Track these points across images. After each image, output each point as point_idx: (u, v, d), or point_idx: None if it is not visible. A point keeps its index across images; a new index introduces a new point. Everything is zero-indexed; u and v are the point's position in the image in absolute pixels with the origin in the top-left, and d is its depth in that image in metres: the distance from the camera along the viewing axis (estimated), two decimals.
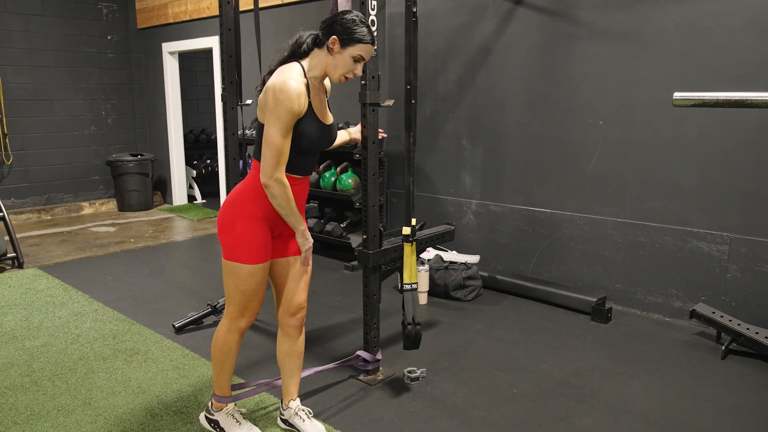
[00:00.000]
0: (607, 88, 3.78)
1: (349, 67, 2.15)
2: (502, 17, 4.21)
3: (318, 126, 2.18)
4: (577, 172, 3.99)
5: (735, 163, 3.36)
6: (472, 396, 2.77)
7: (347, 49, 2.12)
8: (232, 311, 2.26)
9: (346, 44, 2.12)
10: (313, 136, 2.16)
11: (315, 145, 2.20)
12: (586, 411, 2.63)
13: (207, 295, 4.11)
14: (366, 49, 2.15)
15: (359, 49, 2.13)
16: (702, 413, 2.62)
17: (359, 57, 2.15)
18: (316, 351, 3.23)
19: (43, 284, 4.38)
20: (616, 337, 3.43)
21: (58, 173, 7.07)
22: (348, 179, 4.89)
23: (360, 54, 2.14)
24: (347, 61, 2.14)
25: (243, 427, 2.40)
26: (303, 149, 2.16)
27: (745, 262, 3.38)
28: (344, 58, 2.13)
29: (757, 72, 3.21)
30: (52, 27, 6.82)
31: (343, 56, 2.13)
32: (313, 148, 2.20)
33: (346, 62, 2.14)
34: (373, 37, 2.18)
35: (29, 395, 2.76)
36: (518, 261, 4.37)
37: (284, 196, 2.10)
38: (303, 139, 2.13)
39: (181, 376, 2.95)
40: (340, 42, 2.11)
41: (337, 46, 2.12)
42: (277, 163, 2.06)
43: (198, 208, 7.41)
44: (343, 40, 2.11)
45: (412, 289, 2.86)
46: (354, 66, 2.16)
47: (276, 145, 2.04)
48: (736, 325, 3.19)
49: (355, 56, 2.14)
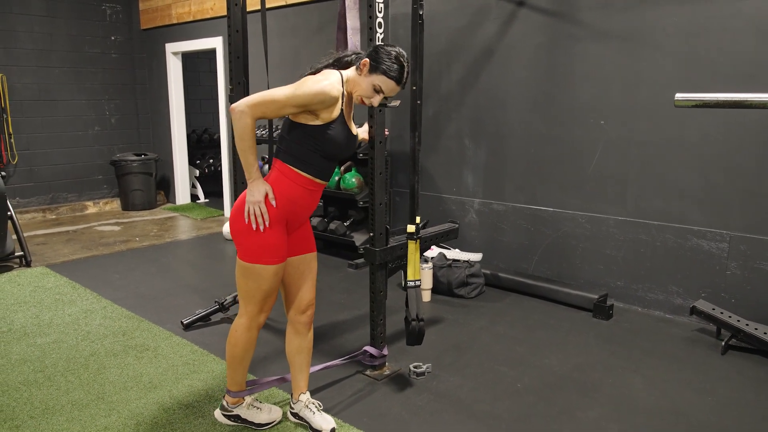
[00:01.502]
0: (609, 89, 3.83)
1: (368, 93, 2.20)
2: (504, 18, 4.27)
3: (347, 134, 2.25)
4: (579, 171, 4.04)
5: (735, 162, 3.42)
6: (477, 390, 2.82)
7: (372, 76, 2.18)
8: (251, 310, 2.31)
9: (372, 71, 2.18)
10: (342, 143, 2.23)
11: (341, 152, 2.26)
12: (589, 405, 2.69)
13: (213, 293, 4.16)
14: (388, 84, 2.18)
15: (381, 81, 2.18)
16: (702, 407, 2.68)
17: (379, 88, 2.19)
18: (323, 347, 3.28)
19: (51, 282, 4.44)
20: (618, 334, 3.49)
21: (62, 173, 7.12)
22: (352, 178, 4.95)
23: (380, 86, 2.18)
24: (368, 86, 2.19)
25: (264, 411, 2.49)
26: (330, 155, 2.23)
27: (744, 260, 3.44)
28: (366, 83, 2.19)
29: (757, 73, 3.27)
30: (57, 28, 6.87)
31: (366, 81, 2.19)
32: (339, 154, 2.26)
33: (367, 88, 2.20)
34: (402, 78, 2.19)
35: (43, 390, 2.81)
36: (520, 259, 4.43)
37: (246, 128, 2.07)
38: (333, 145, 2.20)
39: (191, 371, 3.01)
40: (369, 66, 2.18)
41: (366, 69, 2.18)
42: (259, 105, 2.07)
43: (201, 207, 7.46)
44: (372, 66, 2.17)
45: (416, 286, 2.91)
46: (373, 94, 2.20)
47: (274, 98, 2.07)
48: (735, 322, 3.25)
49: (375, 86, 2.18)
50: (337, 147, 2.23)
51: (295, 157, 2.21)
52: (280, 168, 2.23)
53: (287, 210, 2.23)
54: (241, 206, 2.24)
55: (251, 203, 2.15)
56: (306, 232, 2.40)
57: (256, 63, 5.68)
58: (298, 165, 2.21)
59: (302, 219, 2.33)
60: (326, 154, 2.22)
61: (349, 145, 2.30)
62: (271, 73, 3.13)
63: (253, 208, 2.15)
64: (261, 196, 2.15)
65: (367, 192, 4.92)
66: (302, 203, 2.26)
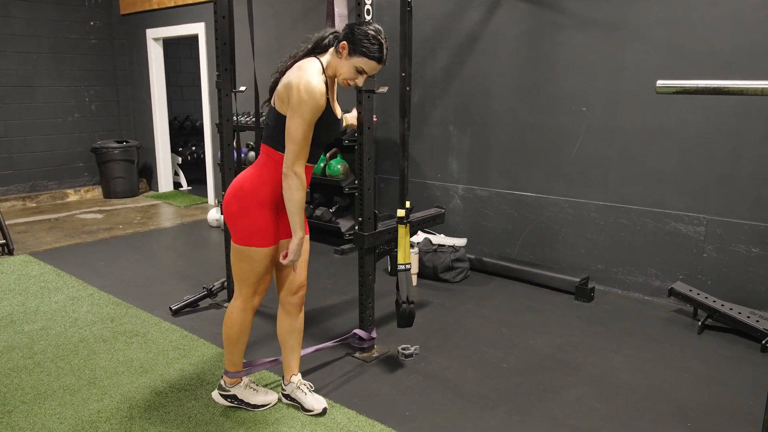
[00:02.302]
0: (592, 76, 3.90)
1: (351, 75, 2.22)
2: (488, 5, 4.31)
3: (333, 120, 2.29)
4: (562, 158, 4.12)
5: (712, 148, 3.52)
6: (464, 371, 2.90)
7: (352, 58, 2.19)
8: (246, 292, 2.37)
9: (352, 53, 2.19)
10: (328, 130, 2.28)
11: (328, 137, 2.31)
12: (573, 383, 2.78)
13: (199, 279, 4.18)
14: (369, 65, 2.20)
15: (363, 62, 2.19)
16: (680, 384, 2.78)
17: (361, 69, 2.21)
18: (313, 331, 3.33)
19: (35, 270, 4.41)
20: (599, 315, 3.59)
21: (42, 160, 7.03)
22: (337, 165, 4.97)
23: (362, 67, 2.20)
24: (350, 69, 2.21)
25: (260, 393, 2.55)
26: (316, 141, 2.26)
27: (720, 243, 3.55)
28: (348, 66, 2.20)
29: (735, 61, 3.36)
30: (34, 12, 6.74)
31: (347, 64, 2.20)
32: (326, 139, 2.32)
33: (350, 70, 2.21)
34: (382, 57, 2.22)
35: (33, 376, 2.82)
36: (504, 243, 4.51)
37: (297, 191, 2.17)
38: (319, 132, 2.23)
39: (181, 356, 3.03)
40: (348, 49, 2.19)
41: (345, 52, 2.20)
42: (297, 156, 2.14)
43: (184, 195, 7.43)
44: (351, 48, 2.19)
45: (406, 269, 2.97)
46: (356, 76, 2.22)
47: (298, 141, 2.13)
48: (711, 302, 3.36)
49: (357, 67, 2.20)
50: (324, 133, 2.28)
51: (281, 143, 2.24)
52: (267, 152, 2.28)
53: (274, 191, 2.27)
54: (235, 191, 2.28)
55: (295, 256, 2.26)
56: None
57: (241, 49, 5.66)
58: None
59: None
60: (314, 141, 2.25)
61: (335, 130, 2.34)
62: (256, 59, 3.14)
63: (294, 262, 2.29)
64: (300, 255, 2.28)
65: (352, 178, 4.95)
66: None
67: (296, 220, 2.21)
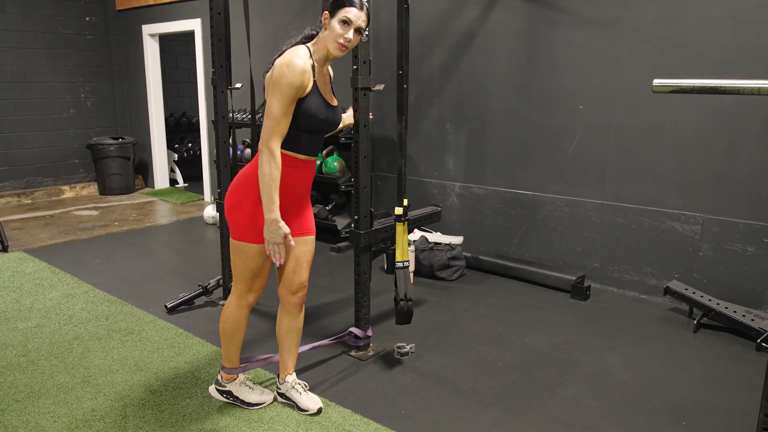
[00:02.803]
0: (589, 75, 3.90)
1: (339, 32, 2.21)
2: (485, 3, 4.29)
3: (323, 104, 2.27)
4: (559, 156, 4.12)
5: (709, 147, 3.52)
6: (460, 369, 2.89)
7: (335, 16, 2.21)
8: (240, 288, 2.37)
9: (333, 13, 2.21)
10: (318, 114, 2.24)
11: (321, 123, 2.27)
12: (569, 381, 2.78)
13: (195, 277, 4.17)
14: (352, 12, 2.20)
15: (344, 12, 2.20)
16: (675, 382, 2.78)
17: (346, 19, 2.21)
18: (309, 329, 3.32)
19: (30, 267, 4.39)
20: (595, 314, 3.59)
21: (37, 157, 7.00)
22: (333, 162, 4.96)
23: (346, 16, 2.20)
24: (337, 27, 2.21)
25: (256, 392, 2.54)
26: (311, 128, 2.24)
27: (716, 242, 3.56)
28: (333, 27, 2.21)
29: (732, 59, 3.36)
30: (29, 8, 6.70)
31: (332, 25, 2.21)
32: (319, 126, 2.28)
33: (336, 29, 2.21)
34: (362, 2, 2.23)
35: (27, 374, 2.81)
36: (501, 242, 4.51)
37: (269, 168, 2.14)
38: (309, 117, 2.22)
39: (176, 354, 3.02)
40: (329, 13, 2.22)
41: (327, 19, 2.22)
42: (272, 132, 2.14)
43: (180, 192, 7.41)
44: (331, 10, 2.21)
45: (404, 266, 2.96)
46: (344, 29, 2.21)
47: (274, 116, 2.13)
48: (707, 301, 3.36)
49: (341, 19, 2.20)
50: (315, 119, 2.24)
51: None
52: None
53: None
54: (233, 187, 2.29)
55: (269, 242, 2.21)
56: (305, 214, 2.43)
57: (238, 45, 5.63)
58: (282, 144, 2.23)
59: (294, 198, 2.34)
60: (307, 128, 2.24)
61: (328, 116, 2.31)
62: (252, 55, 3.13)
63: (271, 248, 2.21)
64: (280, 239, 2.19)
65: (349, 176, 4.94)
66: (287, 181, 2.28)
67: (266, 197, 2.15)
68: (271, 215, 2.17)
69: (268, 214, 2.17)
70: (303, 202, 2.41)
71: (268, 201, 2.16)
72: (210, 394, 2.59)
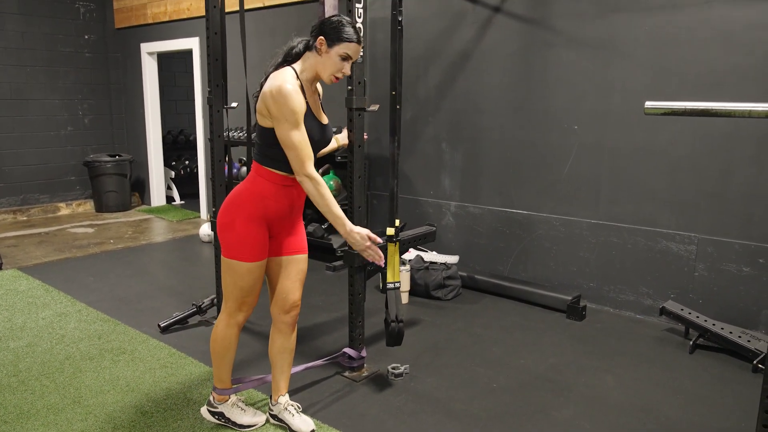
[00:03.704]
0: (583, 95, 3.93)
1: (337, 66, 2.23)
2: (481, 24, 4.34)
3: (316, 123, 2.28)
4: (553, 175, 4.13)
5: (702, 167, 3.54)
6: (454, 390, 2.87)
7: (333, 48, 2.21)
8: (230, 306, 2.36)
9: (332, 44, 2.21)
10: (311, 134, 2.24)
11: (314, 144, 2.28)
12: (563, 403, 2.76)
13: (190, 296, 4.14)
14: (352, 47, 2.23)
15: (345, 47, 2.22)
16: (671, 403, 2.76)
17: (346, 55, 2.23)
18: (303, 349, 3.30)
19: (23, 285, 4.37)
20: (591, 334, 3.58)
21: (34, 173, 7.00)
22: (329, 181, 4.97)
23: (346, 52, 2.23)
24: (335, 60, 2.23)
25: (248, 413, 2.52)
26: None
27: (711, 262, 3.55)
28: (331, 58, 2.22)
29: (724, 81, 3.39)
30: (29, 26, 6.75)
31: (330, 56, 2.22)
32: (312, 146, 2.28)
33: (334, 61, 2.23)
34: (359, 37, 2.26)
35: (17, 395, 2.78)
36: (496, 261, 4.50)
37: (317, 193, 2.18)
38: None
39: (169, 374, 3.00)
40: (327, 42, 2.21)
41: (324, 47, 2.22)
42: (301, 160, 2.16)
43: (177, 209, 7.40)
44: (330, 40, 2.21)
45: (395, 287, 2.95)
46: (342, 65, 2.24)
47: (294, 144, 2.14)
48: (702, 321, 3.35)
49: (341, 54, 2.22)
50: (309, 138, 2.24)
51: (269, 158, 2.25)
52: (255, 168, 2.30)
53: (262, 207, 2.27)
54: (225, 204, 2.30)
55: (361, 252, 2.30)
56: (297, 232, 2.43)
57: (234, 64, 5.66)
58: (272, 164, 2.25)
59: (285, 216, 2.34)
60: None
61: (321, 135, 2.32)
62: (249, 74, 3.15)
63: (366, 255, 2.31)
64: (365, 243, 2.28)
65: (345, 195, 4.94)
66: (279, 199, 2.28)
67: (330, 217, 2.23)
68: (344, 229, 2.25)
69: (341, 229, 2.25)
70: (295, 220, 2.41)
71: (335, 219, 2.23)
72: (202, 415, 2.56)
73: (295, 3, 5.42)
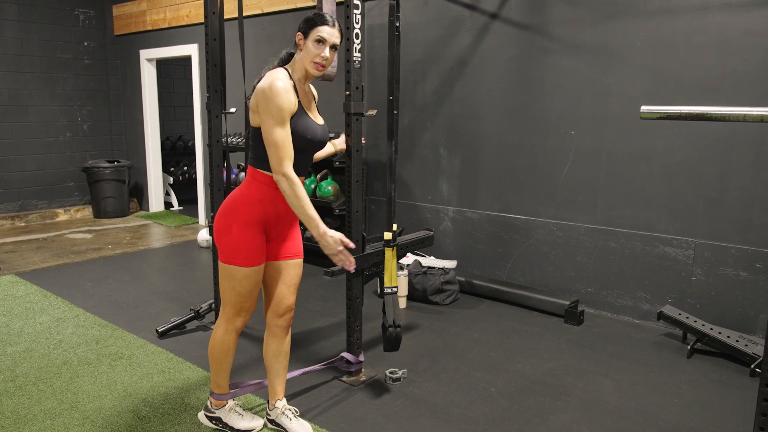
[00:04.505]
0: (580, 100, 3.94)
1: (314, 51, 2.26)
2: (478, 30, 4.36)
3: (309, 122, 2.29)
4: (551, 180, 4.14)
5: (699, 172, 3.55)
6: (452, 395, 2.87)
7: (309, 37, 2.26)
8: (228, 312, 2.36)
9: (306, 34, 2.26)
10: (306, 133, 2.26)
11: (308, 143, 2.29)
12: (561, 408, 2.76)
13: (188, 301, 4.14)
14: (324, 30, 2.25)
15: (317, 31, 2.25)
16: (669, 408, 2.76)
17: (320, 38, 2.25)
18: (300, 354, 3.29)
19: (21, 291, 4.36)
20: (589, 339, 3.58)
21: (32, 179, 7.00)
22: (327, 186, 4.97)
23: (319, 35, 2.25)
24: (312, 47, 2.26)
25: (245, 418, 2.51)
26: (297, 147, 2.26)
27: (708, 266, 3.56)
28: (308, 47, 2.26)
29: (720, 86, 3.40)
30: (28, 32, 6.77)
31: (308, 45, 2.26)
32: (307, 146, 2.30)
33: (311, 49, 2.26)
34: (333, 20, 2.29)
35: (14, 400, 2.77)
36: (494, 266, 4.50)
37: (292, 193, 2.17)
38: (296, 137, 2.24)
39: (166, 379, 2.99)
40: (303, 34, 2.27)
41: (302, 40, 2.27)
42: (280, 158, 2.16)
43: (175, 215, 7.40)
44: (304, 31, 2.27)
45: (393, 292, 2.95)
46: (320, 48, 2.26)
47: (275, 141, 2.15)
48: (700, 326, 3.35)
49: (316, 38, 2.25)
50: (303, 138, 2.26)
51: (264, 161, 2.26)
52: (251, 173, 2.31)
53: (259, 211, 2.27)
54: (222, 209, 2.30)
55: (331, 255, 2.24)
56: (292, 237, 2.44)
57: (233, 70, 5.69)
58: (267, 167, 2.25)
59: (282, 219, 2.35)
60: (294, 148, 2.24)
61: (315, 134, 2.33)
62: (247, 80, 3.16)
63: (336, 259, 2.25)
64: (338, 246, 2.22)
65: (343, 200, 4.95)
66: (276, 203, 2.29)
67: (304, 218, 2.19)
68: (317, 231, 2.20)
69: (314, 231, 2.21)
70: (291, 224, 2.42)
71: (308, 221, 2.19)
72: (199, 420, 2.56)
73: (292, 10, 5.44)
